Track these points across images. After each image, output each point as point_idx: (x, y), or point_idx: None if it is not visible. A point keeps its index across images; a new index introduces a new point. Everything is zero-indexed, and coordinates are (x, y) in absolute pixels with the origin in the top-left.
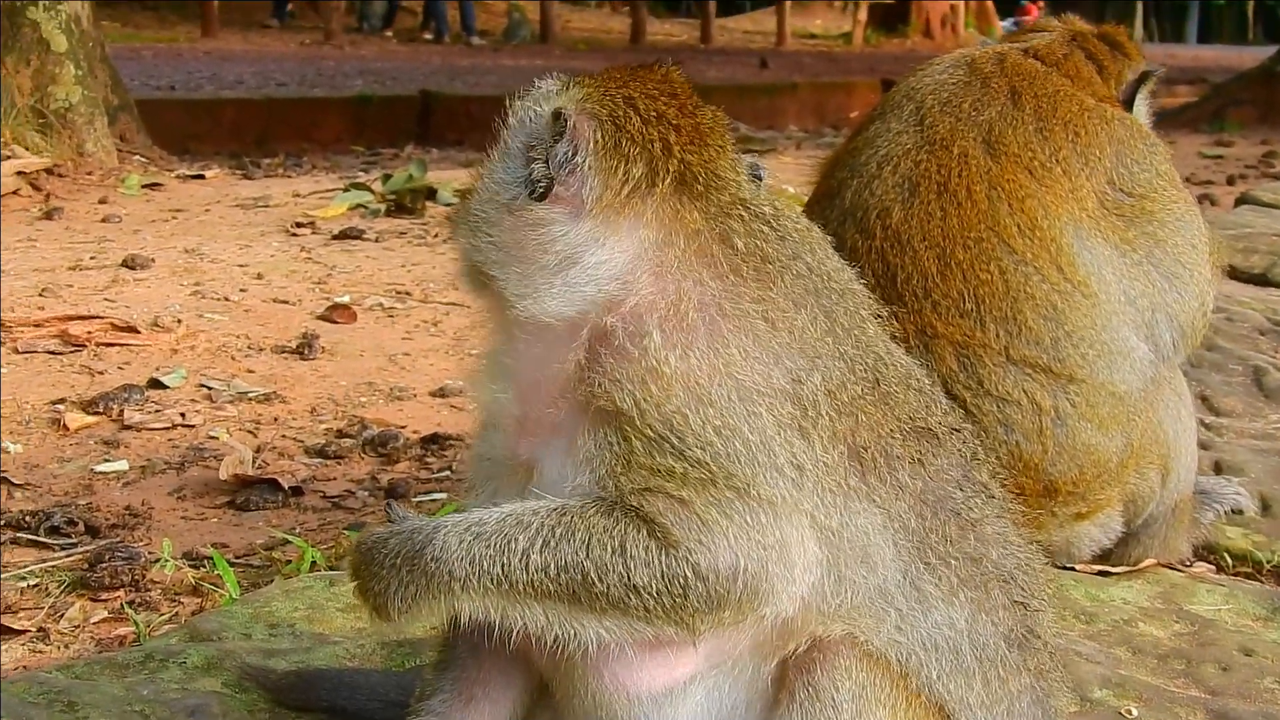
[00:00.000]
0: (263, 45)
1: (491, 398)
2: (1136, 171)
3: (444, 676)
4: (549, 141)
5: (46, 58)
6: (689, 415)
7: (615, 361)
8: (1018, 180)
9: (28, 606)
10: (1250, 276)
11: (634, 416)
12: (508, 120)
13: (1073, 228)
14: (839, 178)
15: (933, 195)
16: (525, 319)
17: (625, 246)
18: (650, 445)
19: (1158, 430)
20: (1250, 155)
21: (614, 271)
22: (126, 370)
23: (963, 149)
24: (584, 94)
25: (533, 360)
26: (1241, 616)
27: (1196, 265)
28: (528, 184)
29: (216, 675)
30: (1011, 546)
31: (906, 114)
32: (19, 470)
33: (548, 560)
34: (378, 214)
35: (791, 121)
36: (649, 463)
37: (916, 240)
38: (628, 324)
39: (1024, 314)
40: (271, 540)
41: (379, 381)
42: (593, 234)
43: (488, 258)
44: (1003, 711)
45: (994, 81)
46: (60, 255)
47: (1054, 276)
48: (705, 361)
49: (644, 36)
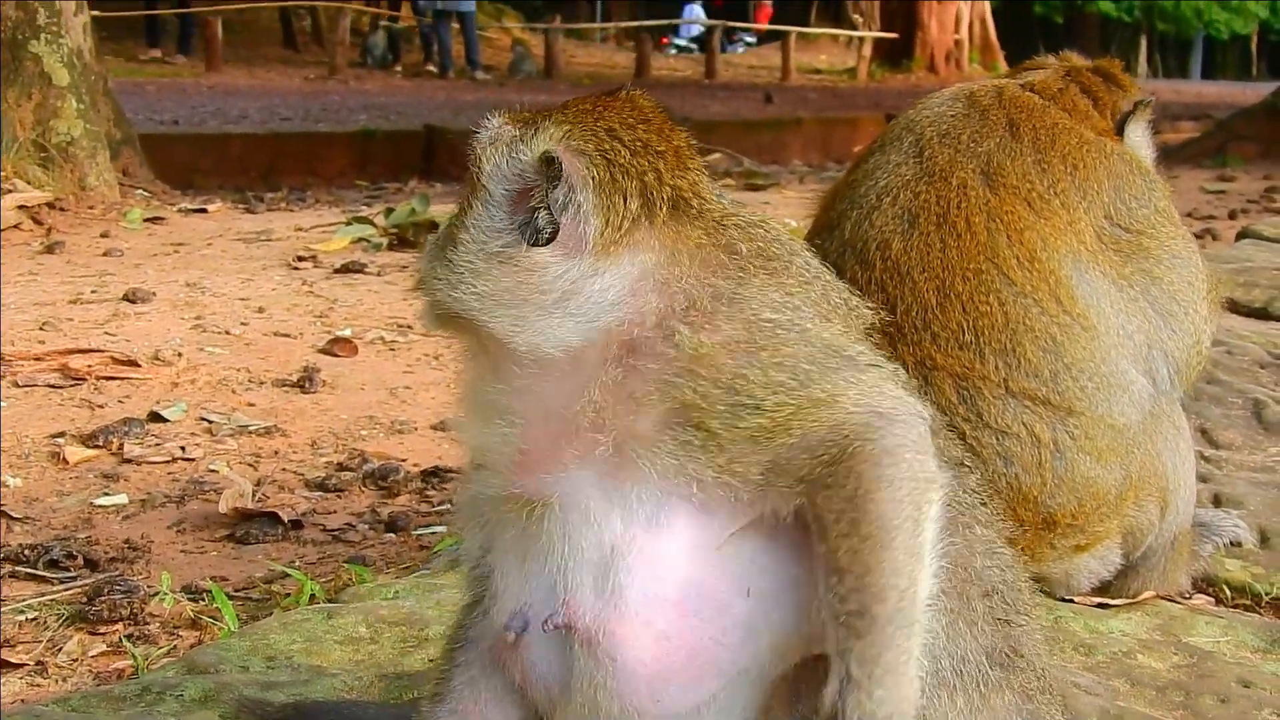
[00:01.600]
0: (267, 80)
1: (482, 436)
2: (1135, 207)
3: (440, 709)
4: (545, 186)
5: (48, 91)
6: (746, 373)
7: (655, 368)
8: (1016, 212)
9: (26, 640)
10: (1251, 310)
11: (698, 404)
12: (481, 166)
13: (1071, 260)
14: (839, 210)
15: (932, 226)
16: (525, 354)
17: (630, 272)
18: (727, 420)
19: (1156, 463)
20: (1252, 190)
21: (621, 295)
22: (127, 404)
23: (961, 180)
24: (565, 131)
25: (539, 394)
26: (1240, 649)
27: (1192, 303)
28: (524, 230)
29: (213, 708)
30: (997, 558)
31: (906, 146)
32: (18, 504)
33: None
34: (380, 248)
35: (796, 156)
36: (735, 434)
37: (916, 271)
38: (650, 334)
39: (1023, 346)
40: (271, 574)
41: (380, 415)
42: (595, 267)
43: (475, 306)
44: (1017, 703)
45: (992, 114)
46: (61, 289)
47: (1053, 309)
48: (736, 325)
49: (648, 71)
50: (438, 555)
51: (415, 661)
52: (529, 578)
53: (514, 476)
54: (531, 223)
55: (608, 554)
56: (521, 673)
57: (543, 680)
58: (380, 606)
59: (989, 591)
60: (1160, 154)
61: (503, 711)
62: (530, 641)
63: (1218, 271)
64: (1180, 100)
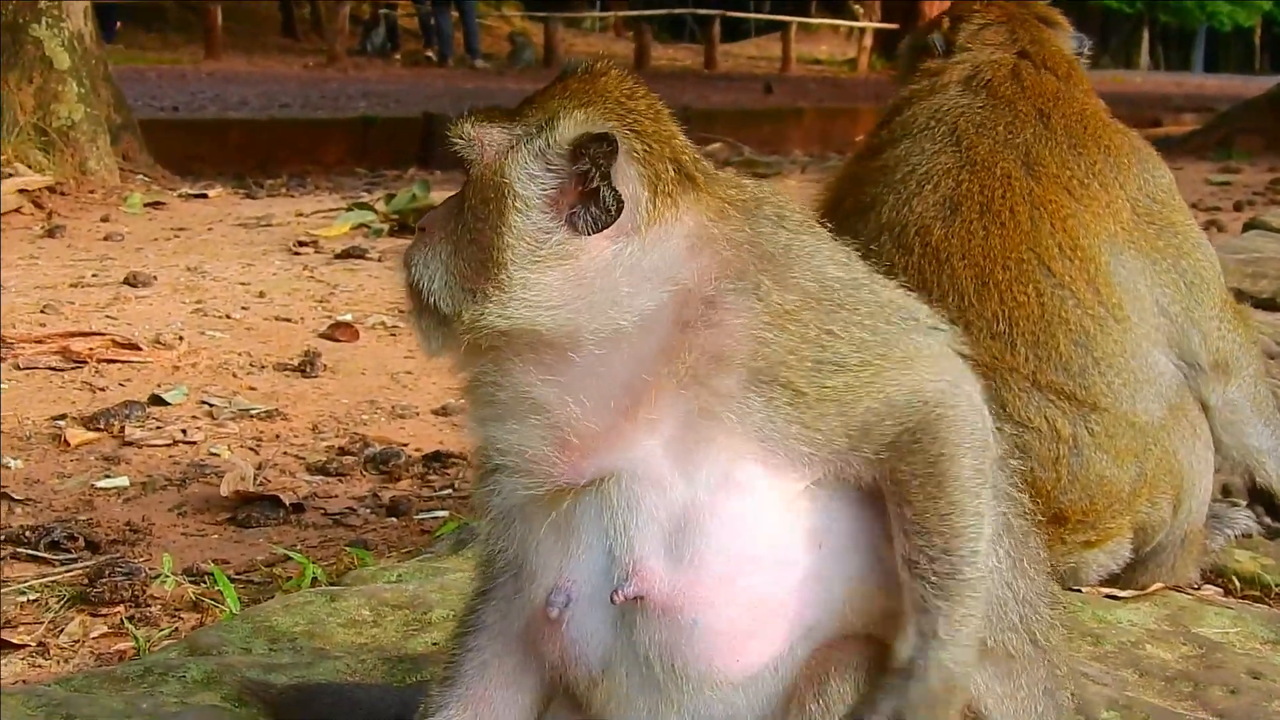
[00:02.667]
0: (267, 67)
1: (512, 439)
2: (1159, 176)
3: (449, 693)
4: (597, 168)
5: (49, 75)
6: (832, 328)
7: (741, 323)
8: (1059, 200)
9: (27, 621)
10: (1259, 301)
11: (787, 360)
12: (508, 177)
13: (1109, 244)
14: (871, 193)
15: (975, 214)
16: (588, 339)
17: (686, 233)
18: (814, 378)
19: (1173, 461)
20: (1257, 182)
21: (681, 255)
22: (128, 387)
23: (1005, 170)
24: (586, 113)
25: (600, 374)
26: (1249, 639)
27: (1214, 281)
28: (576, 221)
29: (216, 689)
30: (1031, 533)
31: (940, 134)
32: (20, 486)
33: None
34: (380, 233)
35: (796, 147)
36: (822, 392)
37: (956, 259)
38: (722, 291)
39: (1056, 339)
40: (272, 556)
41: (381, 399)
42: (652, 236)
43: (529, 315)
44: (1041, 677)
45: (1020, 104)
46: (62, 273)
47: (1089, 300)
48: (810, 281)
49: (648, 61)
50: (440, 539)
51: (418, 644)
52: (570, 555)
53: (555, 468)
54: (584, 211)
55: (680, 519)
56: (561, 650)
57: (584, 656)
58: (383, 589)
59: (1027, 533)
60: (1161, 145)
61: (512, 696)
62: (574, 617)
63: (1225, 263)
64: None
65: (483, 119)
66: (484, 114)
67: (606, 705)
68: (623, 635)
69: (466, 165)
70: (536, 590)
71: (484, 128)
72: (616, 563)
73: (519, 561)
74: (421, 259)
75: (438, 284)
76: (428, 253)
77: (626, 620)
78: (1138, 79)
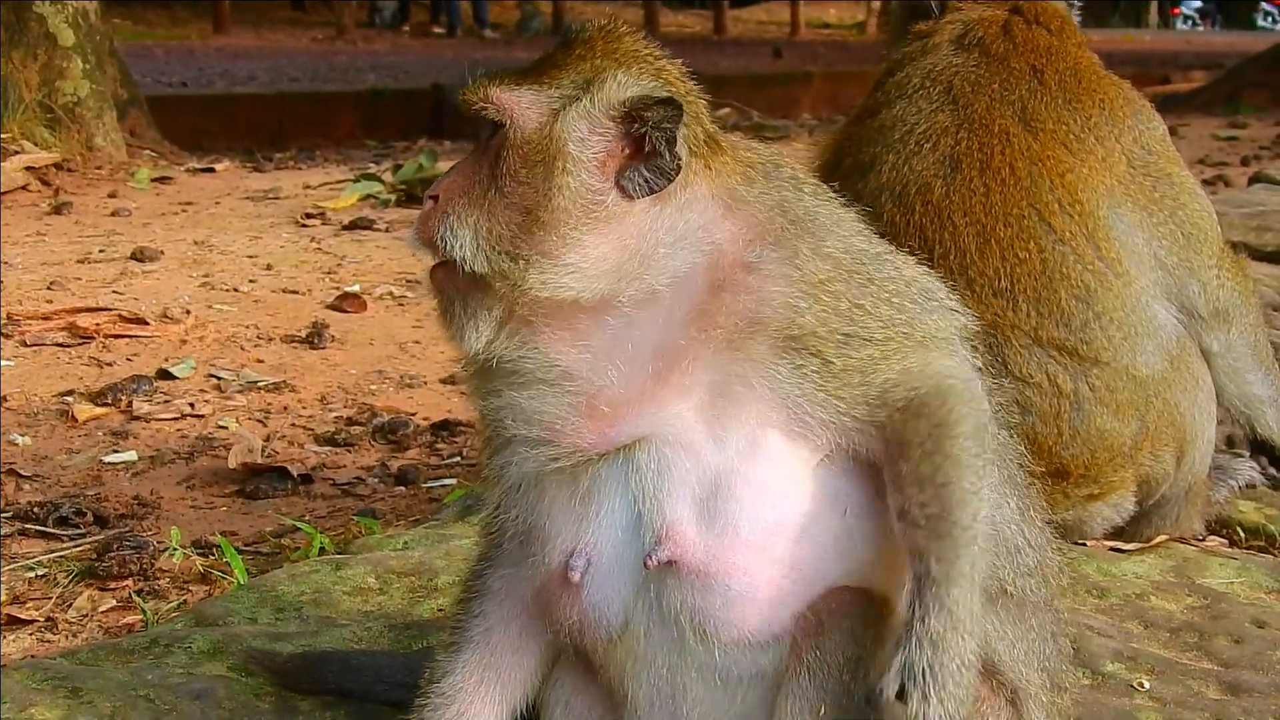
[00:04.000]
0: (275, 41)
1: (534, 407)
2: (1153, 128)
3: (455, 659)
4: (657, 128)
5: (54, 52)
6: (864, 303)
7: (778, 290)
8: (1057, 156)
9: (36, 596)
10: (1264, 254)
11: (817, 330)
12: (558, 138)
13: (1107, 198)
14: (870, 153)
15: (975, 172)
16: (625, 302)
17: (721, 194)
18: (843, 349)
19: (1174, 413)
20: (1265, 136)
21: (713, 224)
22: (135, 361)
23: (1003, 127)
24: (633, 74)
25: (633, 338)
26: (1254, 589)
27: (1211, 231)
28: (630, 184)
29: (222, 659)
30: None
31: (936, 93)
32: (28, 462)
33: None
34: (388, 204)
35: (805, 111)
36: (847, 364)
37: (958, 216)
38: (762, 256)
39: (1057, 294)
40: (281, 528)
41: (389, 369)
42: (690, 196)
43: (576, 284)
44: (1049, 620)
45: (1013, 61)
46: (69, 249)
47: (1089, 256)
48: (840, 252)
49: (657, 28)
50: (446, 506)
51: (424, 611)
52: (591, 520)
53: (583, 436)
54: (636, 174)
55: (713, 484)
56: (579, 613)
57: (604, 619)
58: (389, 557)
59: (1037, 515)
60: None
61: (519, 660)
62: (594, 580)
63: (1230, 216)
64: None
65: (510, 82)
66: (509, 77)
67: (624, 665)
68: (648, 598)
69: (492, 130)
70: (551, 554)
71: (514, 91)
72: (647, 527)
73: (530, 528)
74: (449, 228)
75: (473, 252)
76: (453, 221)
77: (654, 584)
78: (1147, 37)
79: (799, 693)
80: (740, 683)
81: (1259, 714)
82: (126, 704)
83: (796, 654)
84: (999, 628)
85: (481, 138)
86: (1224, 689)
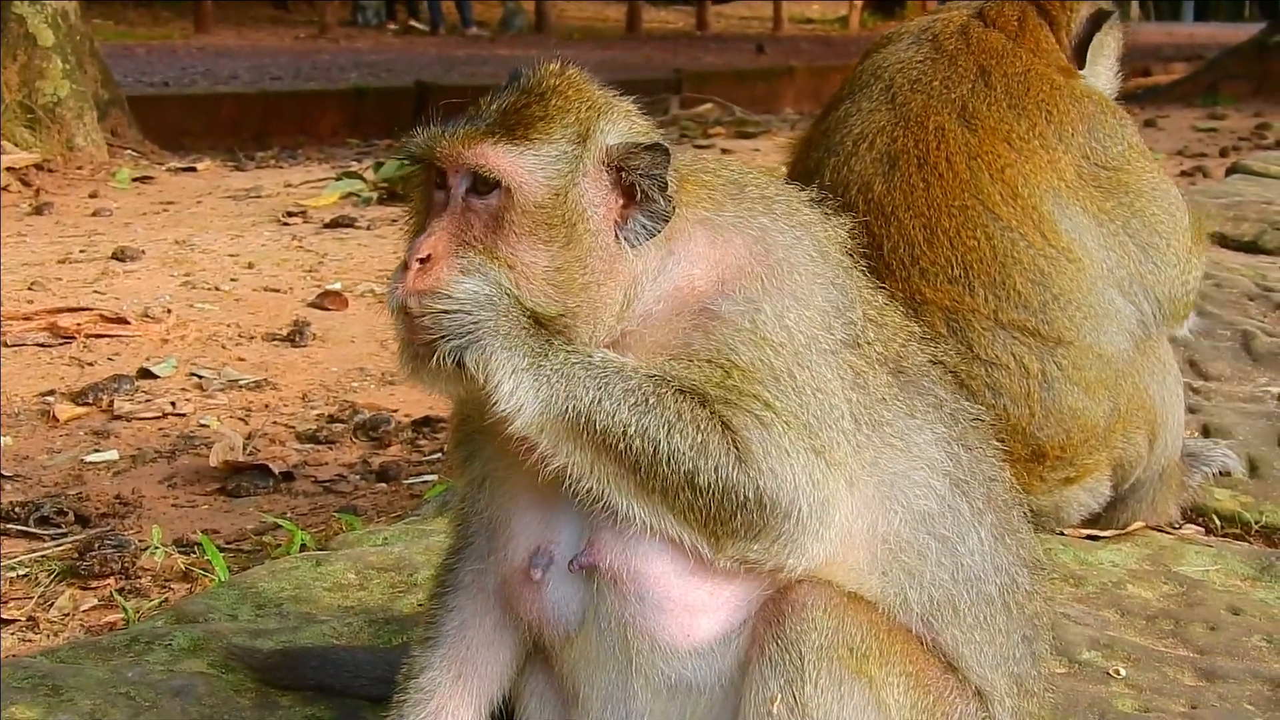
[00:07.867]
0: (257, 40)
1: None
2: (1109, 144)
3: (432, 654)
4: (649, 177)
5: (34, 53)
6: (790, 378)
7: (724, 332)
8: (996, 150)
9: (17, 596)
10: (1240, 244)
11: (740, 363)
12: (552, 204)
13: (1052, 196)
14: (815, 157)
15: (913, 168)
16: (596, 337)
17: (694, 235)
18: (747, 376)
19: (1144, 395)
20: (1243, 127)
21: (690, 260)
22: (116, 361)
23: (938, 124)
24: (613, 122)
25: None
26: (1230, 576)
27: (1173, 234)
28: (624, 232)
29: (202, 656)
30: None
31: (876, 92)
32: (9, 462)
33: (630, 420)
34: (369, 202)
35: (788, 105)
36: (740, 387)
37: (901, 211)
38: (722, 304)
39: (1012, 278)
40: (262, 525)
41: (370, 367)
42: (667, 238)
43: (590, 332)
44: (1017, 639)
45: (961, 60)
46: (50, 249)
47: (1039, 242)
48: (804, 326)
49: (640, 24)
50: (426, 502)
51: (404, 605)
52: (551, 516)
53: None
54: (635, 223)
55: None
56: (539, 610)
57: (562, 618)
58: (369, 553)
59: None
60: (1147, 94)
61: (493, 654)
62: (554, 579)
63: (1207, 207)
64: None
65: (502, 140)
66: (496, 135)
67: (578, 666)
68: (593, 602)
69: (473, 183)
70: (516, 550)
71: (514, 153)
72: (580, 531)
73: (496, 521)
74: (464, 292)
75: (491, 315)
76: (468, 285)
77: (596, 588)
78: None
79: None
80: (689, 692)
81: (1234, 700)
82: (106, 701)
83: (760, 646)
84: (966, 633)
85: (453, 190)
86: (1199, 675)
